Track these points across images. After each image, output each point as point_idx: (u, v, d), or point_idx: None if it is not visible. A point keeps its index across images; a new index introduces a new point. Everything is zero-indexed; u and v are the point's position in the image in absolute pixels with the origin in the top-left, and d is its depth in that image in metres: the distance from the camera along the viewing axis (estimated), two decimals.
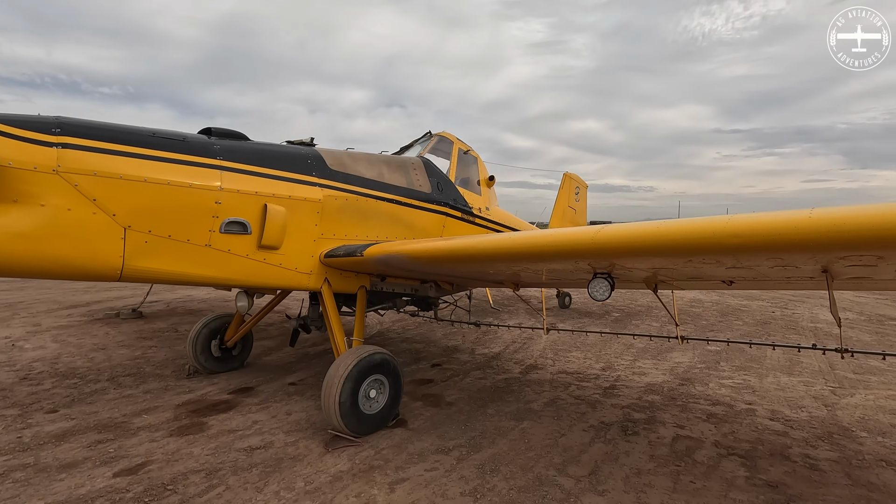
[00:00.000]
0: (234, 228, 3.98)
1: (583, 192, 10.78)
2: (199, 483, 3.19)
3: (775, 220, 2.17)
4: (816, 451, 3.62)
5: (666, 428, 4.04)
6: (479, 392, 4.96)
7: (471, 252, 3.48)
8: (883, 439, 3.82)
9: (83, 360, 6.20)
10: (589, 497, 2.98)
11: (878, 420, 4.19)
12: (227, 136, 4.36)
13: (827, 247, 2.09)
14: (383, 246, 4.11)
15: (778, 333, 7.61)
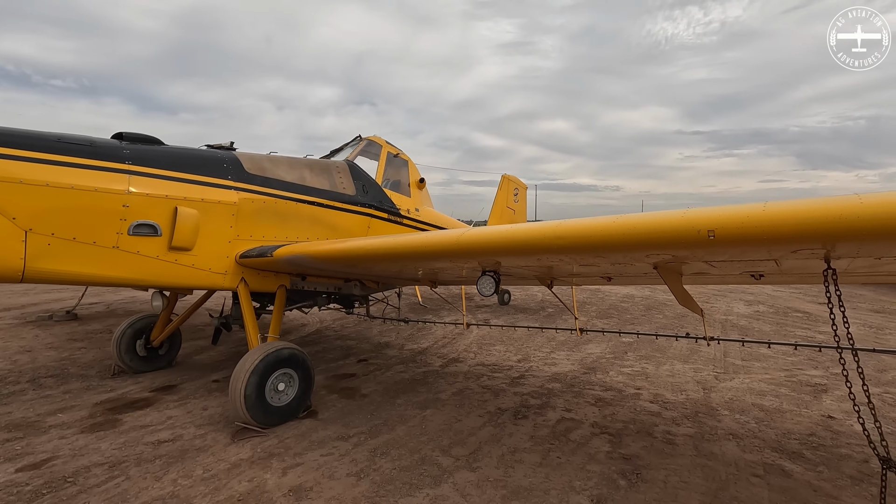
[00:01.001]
0: (143, 231, 4.13)
1: (522, 193, 11.21)
2: (101, 475, 3.34)
3: (586, 226, 2.53)
4: (678, 428, 4.07)
5: (555, 412, 4.42)
6: (396, 384, 5.24)
7: (358, 252, 3.76)
8: (740, 416, 4.30)
9: (6, 362, 6.17)
10: (461, 473, 3.30)
11: (743, 400, 4.69)
12: (139, 141, 4.49)
13: (632, 248, 2.45)
14: (290, 247, 4.33)
15: (691, 326, 8.20)
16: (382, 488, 3.12)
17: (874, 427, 2.47)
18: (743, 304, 10.06)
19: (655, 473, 3.29)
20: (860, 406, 2.61)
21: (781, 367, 5.72)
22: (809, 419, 4.23)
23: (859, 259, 2.46)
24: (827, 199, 1.98)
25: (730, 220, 2.12)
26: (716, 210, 2.20)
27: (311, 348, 6.92)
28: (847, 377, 2.50)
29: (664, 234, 2.28)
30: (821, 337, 7.41)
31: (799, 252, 2.28)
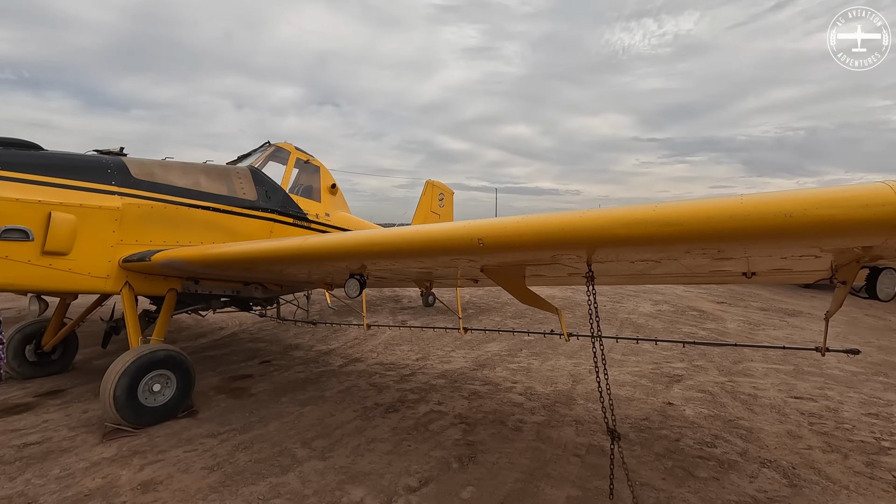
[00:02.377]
0: (12, 235, 4.16)
1: (448, 198, 11.59)
2: None
3: (394, 235, 2.84)
4: (532, 416, 4.46)
5: (427, 405, 4.74)
6: (288, 384, 5.43)
7: (218, 258, 3.96)
8: (592, 405, 4.75)
9: None
10: (312, 462, 3.55)
11: None
12: (14, 146, 4.51)
13: (426, 254, 2.78)
14: (166, 252, 4.46)
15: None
16: (230, 479, 3.33)
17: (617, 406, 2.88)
18: (650, 304, 10.78)
19: (489, 457, 3.65)
20: (603, 387, 3.01)
21: (653, 361, 6.28)
22: (651, 406, 4.72)
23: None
24: (561, 214, 2.35)
25: (493, 230, 2.47)
26: (485, 222, 2.55)
27: (220, 351, 6.99)
28: (596, 362, 2.93)
29: (448, 242, 2.61)
30: (702, 333, 8.10)
31: (567, 255, 2.66)
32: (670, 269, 3.28)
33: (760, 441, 3.92)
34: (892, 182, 1.68)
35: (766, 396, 4.97)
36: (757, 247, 2.12)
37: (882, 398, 4.94)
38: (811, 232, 1.76)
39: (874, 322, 9.05)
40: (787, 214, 1.77)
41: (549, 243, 2.31)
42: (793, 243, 1.96)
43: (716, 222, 1.91)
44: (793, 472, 3.41)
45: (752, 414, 4.51)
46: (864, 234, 1.74)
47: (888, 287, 2.43)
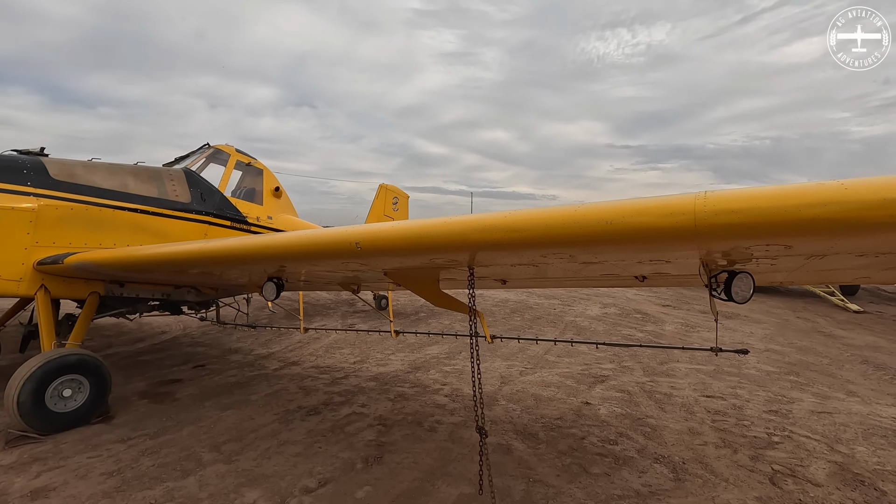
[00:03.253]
0: None
1: (402, 202, 11.65)
2: None
3: (277, 241, 2.89)
4: (450, 417, 4.55)
5: (350, 407, 4.77)
6: (216, 388, 5.38)
7: (133, 259, 3.93)
8: (512, 405, 4.87)
9: None
10: (216, 466, 3.54)
11: (526, 391, 5.29)
12: None
13: (307, 259, 2.84)
14: (79, 255, 4.39)
15: (537, 327, 8.95)
16: (127, 484, 3.30)
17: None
18: (598, 307, 11.05)
19: (396, 457, 3.71)
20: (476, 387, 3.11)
21: (584, 363, 6.46)
22: (568, 406, 4.87)
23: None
24: (428, 220, 2.44)
25: (369, 235, 2.54)
26: (363, 227, 2.62)
27: (156, 355, 6.87)
28: (472, 360, 3.05)
29: (328, 247, 2.68)
30: (640, 335, 8.37)
31: (442, 259, 2.75)
32: (567, 273, 3.42)
33: (661, 438, 4.10)
34: (701, 194, 1.81)
35: (681, 395, 5.18)
36: (595, 252, 2.25)
37: (787, 396, 5.21)
38: (628, 238, 1.89)
39: (803, 324, 9.51)
40: (608, 222, 1.89)
41: (415, 248, 2.40)
42: (618, 248, 2.09)
43: (553, 229, 2.03)
44: (682, 467, 3.58)
45: (662, 412, 4.70)
46: (673, 241, 1.87)
47: (743, 290, 2.60)
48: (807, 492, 3.27)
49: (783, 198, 1.63)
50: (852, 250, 2.07)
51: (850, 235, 1.65)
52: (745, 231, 1.69)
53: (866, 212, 1.51)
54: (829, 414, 4.71)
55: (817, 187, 1.61)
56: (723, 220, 1.70)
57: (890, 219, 1.49)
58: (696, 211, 1.74)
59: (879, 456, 3.81)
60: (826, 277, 3.60)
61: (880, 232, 1.56)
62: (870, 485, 3.36)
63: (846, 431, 4.29)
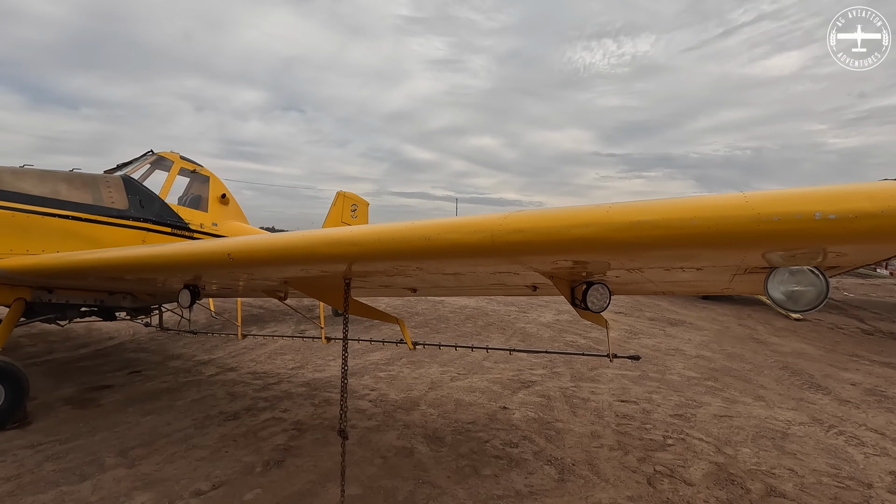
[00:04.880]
0: None
1: (361, 209, 11.78)
2: None
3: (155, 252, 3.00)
4: (367, 422, 4.67)
5: (271, 412, 4.86)
6: (144, 394, 5.42)
7: (41, 267, 4.00)
8: (431, 410, 5.01)
9: None
10: (116, 471, 3.61)
11: (449, 396, 5.44)
12: None
13: (178, 269, 2.96)
14: None
15: (486, 333, 9.13)
16: (21, 488, 3.35)
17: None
18: (552, 314, 11.27)
19: (297, 461, 3.82)
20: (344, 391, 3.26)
21: (517, 368, 6.64)
22: (485, 410, 5.03)
23: None
24: (291, 234, 2.59)
25: (240, 247, 2.68)
26: (236, 240, 2.76)
27: (95, 361, 6.86)
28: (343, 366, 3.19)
29: (204, 258, 2.80)
30: (583, 342, 8.60)
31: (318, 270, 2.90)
32: (456, 282, 3.58)
33: (562, 441, 4.28)
34: (502, 215, 1.99)
35: (597, 400, 5.38)
36: (421, 264, 2.41)
37: (697, 401, 5.45)
38: (444, 252, 2.06)
39: (742, 331, 9.84)
40: (427, 238, 2.06)
41: (278, 259, 2.54)
42: (438, 262, 2.26)
43: (384, 244, 2.19)
44: (569, 469, 3.76)
45: (573, 416, 4.89)
46: (478, 256, 2.04)
47: (599, 300, 2.79)
48: (677, 490, 3.46)
49: (556, 219, 1.81)
50: (648, 265, 2.27)
51: (611, 254, 1.84)
52: (529, 248, 1.87)
53: (617, 233, 1.69)
54: (730, 417, 4.95)
55: (586, 209, 1.79)
56: (512, 238, 1.88)
57: (636, 240, 1.68)
58: (494, 230, 1.92)
59: (759, 457, 4.04)
60: (694, 288, 3.81)
61: (634, 252, 1.74)
62: (738, 484, 3.58)
63: (738, 434, 4.52)
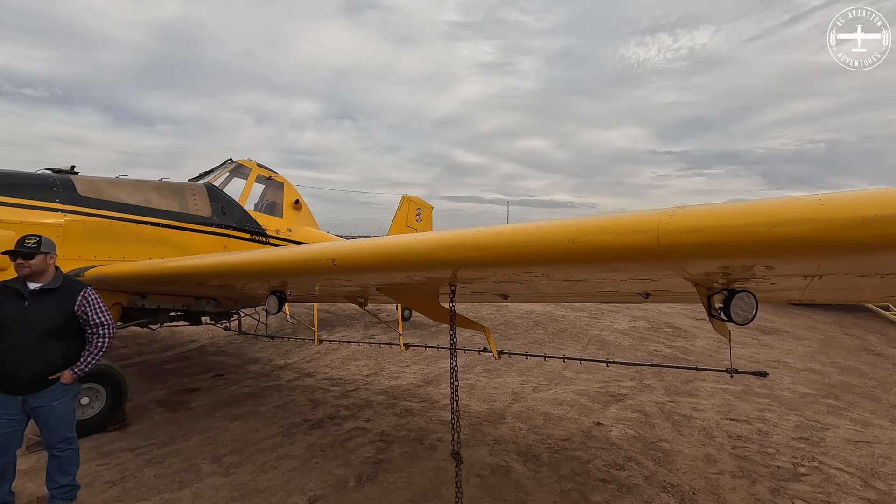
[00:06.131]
0: None
1: (426, 213, 11.67)
2: None
3: (259, 258, 2.90)
4: (449, 435, 4.43)
5: (354, 422, 4.75)
6: (229, 398, 5.49)
7: (137, 273, 4.07)
8: (519, 424, 4.71)
9: None
10: (212, 479, 3.59)
11: (536, 409, 5.11)
12: None
13: (287, 274, 2.84)
14: (97, 268, 4.60)
15: (559, 341, 8.70)
16: (127, 494, 3.38)
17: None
18: (627, 320, 10.64)
19: (390, 476, 3.64)
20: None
21: (602, 380, 6.20)
22: (578, 426, 4.67)
23: None
24: (402, 237, 2.39)
25: (346, 252, 2.52)
26: (339, 246, 2.60)
27: (180, 364, 7.10)
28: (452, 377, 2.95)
29: (307, 264, 2.67)
30: (667, 351, 7.97)
31: (423, 276, 2.69)
32: (561, 289, 3.28)
33: (673, 464, 3.85)
34: (668, 210, 1.68)
35: (702, 418, 4.87)
36: (560, 270, 2.13)
37: (821, 422, 4.81)
38: (591, 257, 1.78)
39: (850, 342, 8.81)
40: (571, 240, 1.78)
41: (387, 265, 2.35)
42: (583, 267, 1.97)
43: (516, 247, 1.93)
44: (690, 498, 3.34)
45: (678, 436, 4.43)
46: (637, 261, 1.74)
47: (744, 311, 2.40)
48: None
49: (753, 215, 1.48)
50: (847, 270, 1.88)
51: (826, 256, 1.49)
52: (710, 251, 1.55)
53: (841, 231, 1.35)
54: (868, 444, 4.30)
55: (792, 203, 1.46)
56: (687, 238, 1.57)
57: (870, 239, 1.33)
58: (661, 229, 1.62)
59: None
60: (848, 296, 3.29)
61: (857, 253, 1.39)
62: None
63: (886, 465, 3.90)
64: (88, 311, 3.08)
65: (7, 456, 3.03)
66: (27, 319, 2.93)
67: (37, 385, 2.94)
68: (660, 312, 11.62)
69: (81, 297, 3.09)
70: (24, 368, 2.90)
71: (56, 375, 2.99)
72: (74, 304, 3.05)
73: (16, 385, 2.91)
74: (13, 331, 2.91)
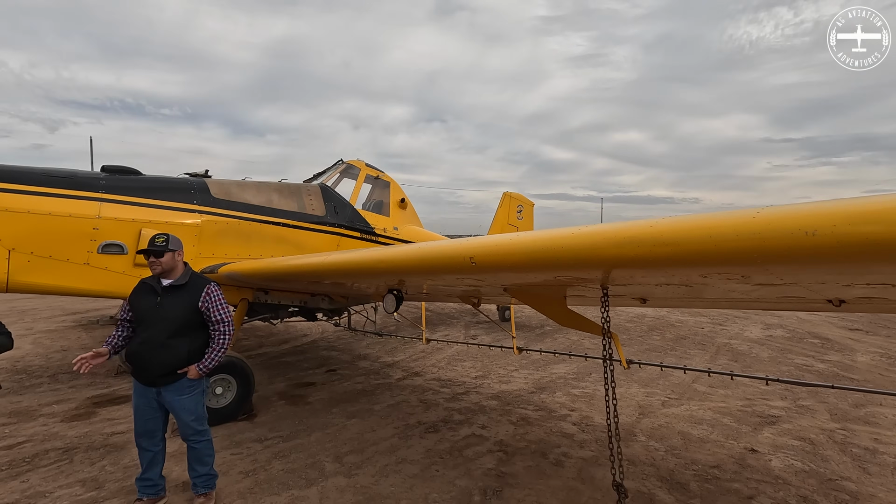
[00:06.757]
0: (111, 250, 4.82)
1: (527, 209, 11.23)
2: (53, 457, 3.96)
3: (397, 254, 2.75)
4: (579, 451, 4.04)
5: (469, 428, 4.53)
6: (343, 395, 5.57)
7: (260, 271, 4.19)
8: (654, 443, 4.18)
9: (42, 359, 7.21)
10: (336, 479, 3.56)
11: (671, 427, 4.53)
12: (119, 172, 5.24)
13: (424, 273, 2.65)
14: (230, 265, 4.85)
15: (681, 349, 7.83)
16: (259, 486, 3.46)
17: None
18: (759, 328, 9.35)
19: (517, 492, 3.36)
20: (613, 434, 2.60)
21: (745, 396, 5.39)
22: (727, 451, 4.03)
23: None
24: (554, 231, 2.09)
25: (486, 249, 2.27)
26: (479, 241, 2.35)
27: (296, 357, 7.44)
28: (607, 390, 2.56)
29: (440, 262, 2.46)
30: (821, 366, 6.79)
31: (569, 276, 2.36)
32: (731, 294, 2.77)
33: None
34: None
35: (891, 453, 3.98)
36: (785, 271, 1.67)
37: None
38: (842, 254, 1.33)
39: None
40: (810, 232, 1.36)
41: (537, 264, 2.05)
42: (821, 267, 1.51)
43: (722, 242, 1.54)
44: None
45: (864, 474, 3.63)
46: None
47: None
48: None
49: None
50: None
51: None
52: None
53: None
54: None
55: None
56: None
57: None
58: None
59: None
60: None
61: None
62: None
63: None
64: (210, 307, 3.15)
65: (155, 439, 3.20)
66: (160, 314, 3.06)
67: (167, 378, 3.05)
68: (799, 320, 10.11)
69: (205, 293, 3.16)
70: (155, 361, 3.02)
71: (183, 371, 3.08)
72: (199, 301, 3.13)
73: (149, 377, 3.05)
74: (148, 325, 3.06)
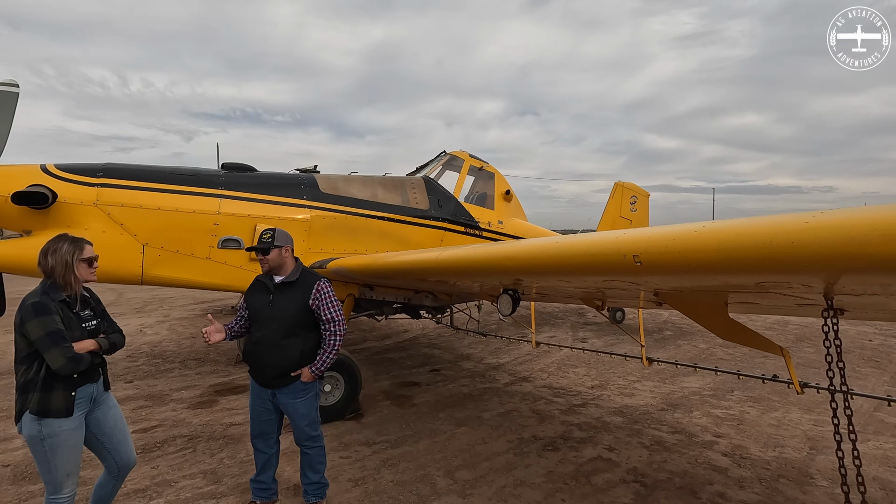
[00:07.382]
0: (229, 244, 4.95)
1: (641, 201, 10.13)
2: (179, 444, 4.11)
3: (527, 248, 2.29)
4: (739, 492, 3.29)
5: (594, 449, 3.96)
6: (449, 398, 5.27)
7: (368, 267, 3.96)
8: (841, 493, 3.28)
9: (175, 345, 7.87)
10: (449, 498, 3.21)
11: (864, 475, 3.56)
12: (237, 169, 5.40)
13: (567, 272, 2.16)
14: (338, 261, 4.74)
15: (849, 365, 6.44)
16: (368, 498, 3.23)
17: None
18: (870, 328, 7.50)
19: None
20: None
21: None
22: None
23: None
24: (770, 218, 1.49)
25: (656, 244, 1.74)
26: (644, 233, 1.82)
27: (398, 354, 7.33)
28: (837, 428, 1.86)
29: (590, 260, 1.96)
30: None
31: (783, 282, 1.74)
32: None
33: None
34: None
35: None
36: None
37: None
38: None
39: None
40: None
41: (741, 264, 1.48)
42: None
43: None
44: None
45: None
46: None
47: None
48: None
49: None
50: None
51: None
52: None
53: None
54: None
55: None
56: None
57: None
58: None
59: None
60: None
61: None
62: None
63: None
64: (321, 305, 2.93)
65: (269, 441, 3.09)
66: (272, 313, 2.91)
67: (281, 380, 2.90)
68: None
69: (315, 290, 2.94)
70: (269, 362, 2.88)
71: (297, 373, 2.90)
72: (310, 298, 2.92)
73: (264, 378, 2.93)
74: (262, 324, 2.93)
